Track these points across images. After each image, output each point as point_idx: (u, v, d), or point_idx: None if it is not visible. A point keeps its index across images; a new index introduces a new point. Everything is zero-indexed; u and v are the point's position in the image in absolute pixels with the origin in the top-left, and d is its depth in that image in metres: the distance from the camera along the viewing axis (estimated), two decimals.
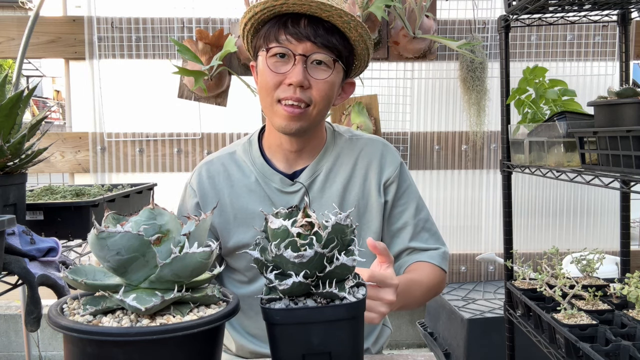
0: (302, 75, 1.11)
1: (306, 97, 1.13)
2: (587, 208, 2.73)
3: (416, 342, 2.90)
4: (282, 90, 1.14)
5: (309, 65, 1.13)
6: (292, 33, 1.11)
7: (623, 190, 1.22)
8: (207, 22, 2.55)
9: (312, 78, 1.13)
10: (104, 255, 0.68)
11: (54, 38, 2.56)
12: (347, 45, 1.16)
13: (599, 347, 1.05)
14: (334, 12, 1.09)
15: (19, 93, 1.18)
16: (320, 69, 1.14)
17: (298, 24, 1.12)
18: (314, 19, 1.12)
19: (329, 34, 1.12)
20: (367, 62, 1.24)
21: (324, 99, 1.15)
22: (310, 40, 1.11)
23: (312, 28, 1.11)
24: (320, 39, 1.11)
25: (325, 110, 1.19)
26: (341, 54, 1.15)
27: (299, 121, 1.15)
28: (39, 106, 10.73)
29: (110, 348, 0.65)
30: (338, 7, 1.08)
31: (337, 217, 0.77)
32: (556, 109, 1.52)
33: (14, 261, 1.07)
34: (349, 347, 0.77)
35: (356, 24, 1.12)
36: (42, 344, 2.84)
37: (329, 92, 1.16)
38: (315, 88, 1.13)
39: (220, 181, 1.26)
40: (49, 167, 2.61)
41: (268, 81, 1.15)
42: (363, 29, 1.13)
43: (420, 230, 1.27)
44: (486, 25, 2.58)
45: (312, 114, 1.15)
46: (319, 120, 1.19)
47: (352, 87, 1.28)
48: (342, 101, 1.27)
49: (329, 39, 1.12)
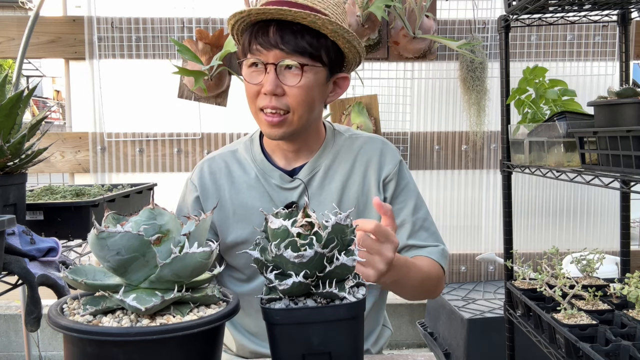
0: (273, 83, 1.11)
1: (282, 105, 1.13)
2: (587, 208, 2.73)
3: (416, 342, 2.90)
4: (261, 99, 1.15)
5: (281, 71, 1.13)
6: (260, 43, 1.12)
7: (623, 190, 1.22)
8: (207, 22, 2.55)
9: (285, 85, 1.13)
10: (104, 255, 0.68)
11: (54, 38, 2.56)
12: (326, 42, 1.14)
13: (599, 347, 1.05)
14: (295, 15, 1.08)
15: (19, 93, 1.18)
16: (291, 74, 1.13)
17: (267, 33, 1.11)
18: (283, 23, 1.11)
19: (298, 37, 1.11)
20: (361, 55, 1.21)
21: (301, 104, 1.14)
22: (278, 47, 1.11)
23: (279, 35, 1.11)
24: (288, 45, 1.10)
25: (309, 113, 1.17)
26: (314, 54, 1.13)
27: (281, 128, 1.16)
28: (39, 106, 10.73)
29: (110, 348, 0.65)
30: (298, 10, 1.06)
31: (337, 217, 0.77)
32: (556, 109, 1.52)
33: (14, 261, 1.07)
34: (349, 347, 0.77)
35: (323, 22, 1.09)
36: (42, 344, 2.84)
37: (305, 96, 1.14)
38: (290, 94, 1.13)
39: (221, 177, 1.27)
40: (49, 167, 2.61)
41: (249, 91, 1.17)
42: (334, 24, 1.10)
43: (419, 229, 1.26)
44: (486, 25, 2.58)
45: (293, 120, 1.15)
46: (305, 123, 1.18)
47: (346, 82, 1.24)
48: (337, 97, 1.25)
49: (296, 43, 1.11)
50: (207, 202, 1.26)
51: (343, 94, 1.28)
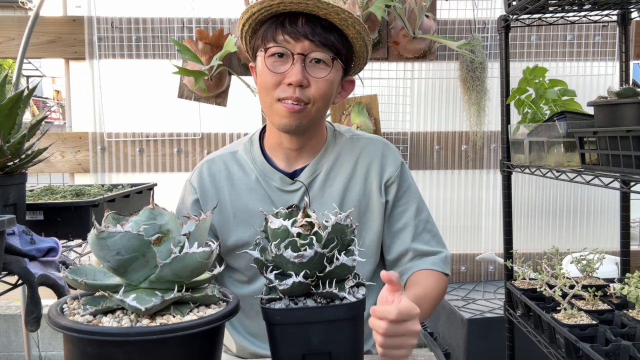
0: (301, 74, 1.11)
1: (305, 97, 1.14)
2: (587, 208, 2.73)
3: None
4: (282, 90, 1.14)
5: (308, 64, 1.13)
6: (289, 32, 1.11)
7: (623, 190, 1.22)
8: (207, 22, 2.55)
9: (311, 77, 1.13)
10: (104, 255, 0.68)
11: (54, 38, 2.56)
12: (346, 43, 1.16)
13: (599, 347, 1.04)
14: (331, 10, 1.09)
15: (19, 93, 1.18)
16: (319, 67, 1.14)
17: (295, 23, 1.11)
18: (311, 17, 1.12)
19: (327, 32, 1.12)
20: (366, 60, 1.24)
21: (322, 97, 1.15)
22: (308, 38, 1.11)
23: (310, 26, 1.11)
24: (318, 37, 1.11)
25: (325, 108, 1.19)
26: (339, 52, 1.15)
27: (299, 118, 1.15)
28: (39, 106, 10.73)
29: (110, 348, 0.65)
30: (335, 5, 1.08)
31: (337, 217, 0.78)
32: (556, 109, 1.52)
33: (14, 261, 1.07)
34: (349, 347, 0.77)
35: (354, 21, 1.11)
36: (42, 344, 2.84)
37: (328, 90, 1.16)
38: (315, 86, 1.13)
39: (221, 179, 1.26)
40: (49, 167, 2.61)
41: (267, 81, 1.15)
42: (361, 26, 1.13)
43: (422, 231, 1.26)
44: (486, 25, 2.58)
45: (312, 112, 1.16)
46: (319, 118, 1.19)
47: (351, 85, 1.27)
48: (342, 99, 1.27)
49: (327, 37, 1.12)
50: (207, 205, 1.25)
51: (346, 97, 1.29)
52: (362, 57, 1.22)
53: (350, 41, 1.17)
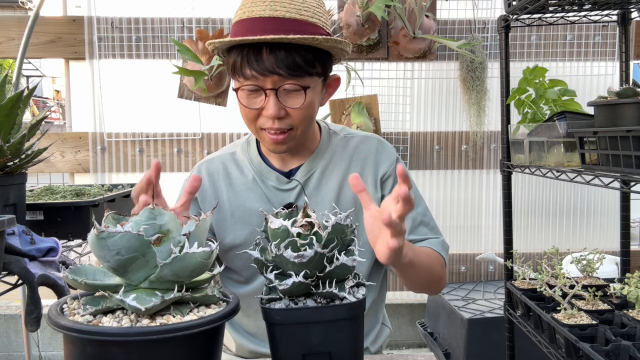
0: (275, 108, 1.09)
1: (286, 125, 1.13)
2: (587, 208, 2.73)
3: (416, 342, 2.90)
4: (263, 121, 1.13)
5: (281, 93, 1.10)
6: (255, 69, 1.07)
7: (623, 190, 1.22)
8: (207, 22, 2.55)
9: (288, 107, 1.11)
10: (104, 255, 0.68)
11: (54, 38, 2.56)
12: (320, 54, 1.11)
13: (599, 347, 1.05)
14: (293, 41, 1.05)
15: (19, 93, 1.18)
16: (293, 95, 1.11)
17: (260, 57, 1.07)
18: (275, 44, 1.07)
19: (294, 55, 1.07)
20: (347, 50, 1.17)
21: (304, 122, 1.14)
22: (275, 72, 1.07)
23: (274, 57, 1.06)
24: (285, 69, 1.07)
25: (310, 125, 1.18)
26: (311, 70, 1.10)
27: (285, 144, 1.16)
28: (39, 106, 10.73)
29: (110, 348, 0.65)
30: (295, 37, 1.03)
31: (337, 217, 0.78)
32: (556, 109, 1.52)
33: (14, 261, 1.07)
34: (349, 347, 0.77)
35: (319, 42, 1.06)
36: (42, 344, 2.85)
37: (308, 112, 1.14)
38: (293, 114, 1.12)
39: (219, 179, 1.27)
40: (49, 167, 2.61)
41: (247, 114, 1.14)
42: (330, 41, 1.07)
43: (419, 224, 1.26)
44: (486, 25, 2.58)
45: (297, 134, 1.16)
46: (306, 134, 1.19)
47: (337, 82, 1.24)
48: (330, 97, 1.26)
49: (294, 64, 1.07)
50: (205, 204, 1.26)
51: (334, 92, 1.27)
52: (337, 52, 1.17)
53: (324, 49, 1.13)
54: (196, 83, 2.21)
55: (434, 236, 1.26)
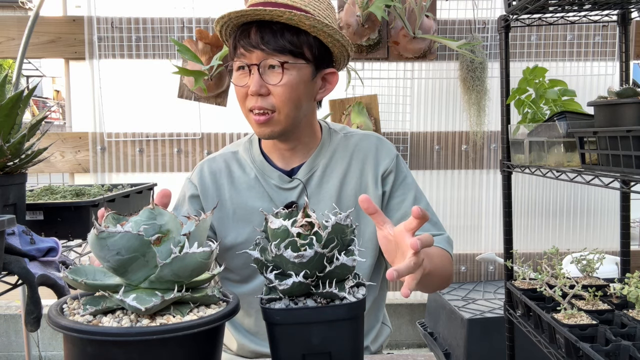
0: (257, 84, 1.13)
1: (268, 104, 1.14)
2: (587, 208, 2.73)
3: (416, 342, 2.90)
4: (249, 100, 1.16)
5: (265, 72, 1.14)
6: (243, 45, 1.14)
7: (623, 190, 1.22)
8: (207, 22, 2.55)
9: (269, 84, 1.14)
10: (104, 255, 0.68)
11: (54, 38, 2.56)
12: (307, 38, 1.14)
13: (599, 347, 1.04)
14: (273, 14, 1.09)
15: (19, 93, 1.18)
16: (275, 72, 1.14)
17: (248, 35, 1.13)
18: (263, 24, 1.12)
19: (278, 36, 1.12)
20: (347, 49, 1.20)
21: (286, 103, 1.15)
22: (259, 48, 1.12)
23: (260, 35, 1.12)
24: (269, 45, 1.12)
25: (295, 111, 1.17)
26: (296, 51, 1.13)
27: (268, 127, 1.17)
28: (39, 106, 10.73)
29: (110, 348, 0.65)
30: (273, 9, 1.08)
31: (337, 217, 0.78)
32: (556, 109, 1.52)
33: (14, 261, 1.07)
34: (349, 347, 0.77)
35: (300, 18, 1.09)
36: (42, 344, 2.85)
37: (290, 94, 1.15)
38: (275, 93, 1.14)
39: (221, 177, 1.28)
40: (49, 167, 2.61)
41: (238, 93, 1.19)
42: (312, 19, 1.10)
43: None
44: (486, 25, 2.58)
45: (280, 119, 1.16)
46: (293, 121, 1.18)
47: (335, 77, 1.25)
48: (328, 92, 1.25)
49: (276, 42, 1.12)
50: (207, 201, 1.26)
51: (333, 89, 1.26)
52: (337, 48, 1.19)
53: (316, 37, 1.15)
54: (196, 83, 2.21)
55: (439, 232, 1.26)
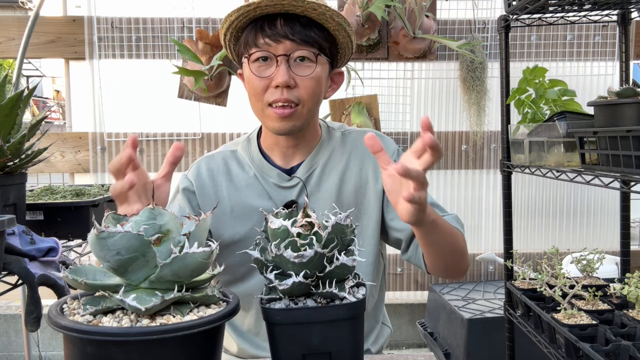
0: (287, 75, 1.12)
1: (294, 97, 1.14)
2: (587, 208, 2.73)
3: (416, 342, 2.90)
4: (271, 93, 1.14)
5: (292, 63, 1.13)
6: (269, 35, 1.12)
7: (623, 190, 1.22)
8: (207, 22, 2.55)
9: (298, 76, 1.13)
10: (104, 255, 0.68)
11: (54, 38, 2.56)
12: (328, 36, 1.16)
13: (599, 347, 1.04)
14: (307, 7, 1.09)
15: (19, 93, 1.18)
16: (304, 65, 1.14)
17: (274, 25, 1.12)
18: (289, 16, 1.12)
19: (307, 29, 1.12)
20: (352, 50, 1.23)
21: (312, 97, 1.16)
22: (288, 38, 1.11)
23: (289, 26, 1.11)
24: (299, 35, 1.11)
25: (316, 106, 1.20)
26: (322, 46, 1.15)
27: (291, 120, 1.16)
28: (39, 106, 10.73)
29: (110, 348, 0.65)
30: (311, 1, 1.08)
31: (337, 217, 0.77)
32: (556, 109, 1.52)
33: (14, 261, 1.07)
34: (349, 347, 0.77)
35: (332, 14, 1.11)
36: (42, 344, 2.84)
37: (316, 87, 1.16)
38: (302, 86, 1.14)
39: (219, 174, 1.28)
40: (49, 167, 2.61)
41: (256, 86, 1.15)
42: (340, 17, 1.12)
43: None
44: (486, 25, 2.58)
45: (303, 113, 1.16)
46: (311, 116, 1.20)
47: (341, 77, 1.27)
48: (334, 92, 1.27)
49: (307, 34, 1.12)
50: (205, 199, 1.25)
51: (338, 90, 1.29)
52: (347, 48, 1.22)
53: (332, 34, 1.17)
54: (196, 83, 2.21)
55: (447, 213, 1.26)
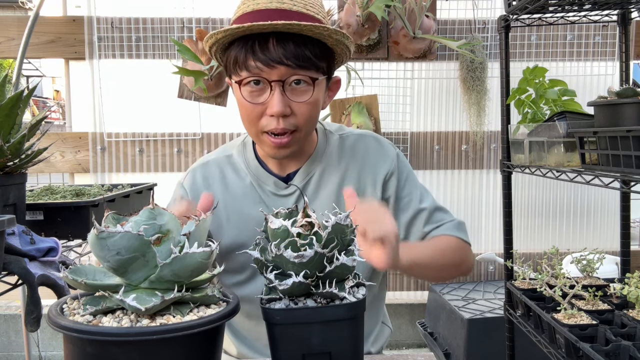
0: (282, 103, 1.04)
1: (291, 125, 1.07)
2: (587, 208, 2.73)
3: (416, 342, 2.90)
4: (266, 121, 1.07)
5: (287, 88, 1.05)
6: (262, 59, 1.02)
7: (623, 190, 1.22)
8: (207, 22, 2.55)
9: (294, 102, 1.06)
10: (104, 255, 0.68)
11: (54, 38, 2.56)
12: (324, 48, 1.08)
13: (599, 347, 1.04)
14: (303, 28, 1.01)
15: (19, 93, 1.18)
16: (300, 90, 1.06)
17: (267, 47, 1.02)
18: (281, 35, 1.02)
19: (301, 47, 1.03)
20: (349, 55, 1.16)
21: (309, 122, 1.10)
22: (283, 63, 1.02)
23: (282, 48, 1.01)
24: (294, 60, 1.02)
25: (313, 128, 1.16)
26: (319, 65, 1.06)
27: (288, 147, 1.11)
28: (39, 106, 10.73)
29: (110, 348, 0.65)
30: (308, 23, 0.99)
31: (337, 217, 0.78)
32: (556, 109, 1.52)
33: (14, 261, 1.07)
34: (349, 347, 0.77)
35: (330, 33, 1.03)
36: (42, 344, 2.84)
37: (314, 111, 1.10)
38: (299, 112, 1.07)
39: (214, 183, 1.25)
40: (49, 167, 2.61)
41: (249, 113, 1.08)
42: (339, 34, 1.04)
43: (434, 211, 1.26)
44: (486, 25, 2.58)
45: (300, 137, 1.12)
46: (308, 136, 1.17)
47: (338, 85, 1.21)
48: (331, 100, 1.23)
49: (302, 55, 1.03)
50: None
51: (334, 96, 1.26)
52: (344, 55, 1.15)
53: (329, 47, 1.10)
54: (196, 83, 2.21)
55: (450, 219, 1.26)
